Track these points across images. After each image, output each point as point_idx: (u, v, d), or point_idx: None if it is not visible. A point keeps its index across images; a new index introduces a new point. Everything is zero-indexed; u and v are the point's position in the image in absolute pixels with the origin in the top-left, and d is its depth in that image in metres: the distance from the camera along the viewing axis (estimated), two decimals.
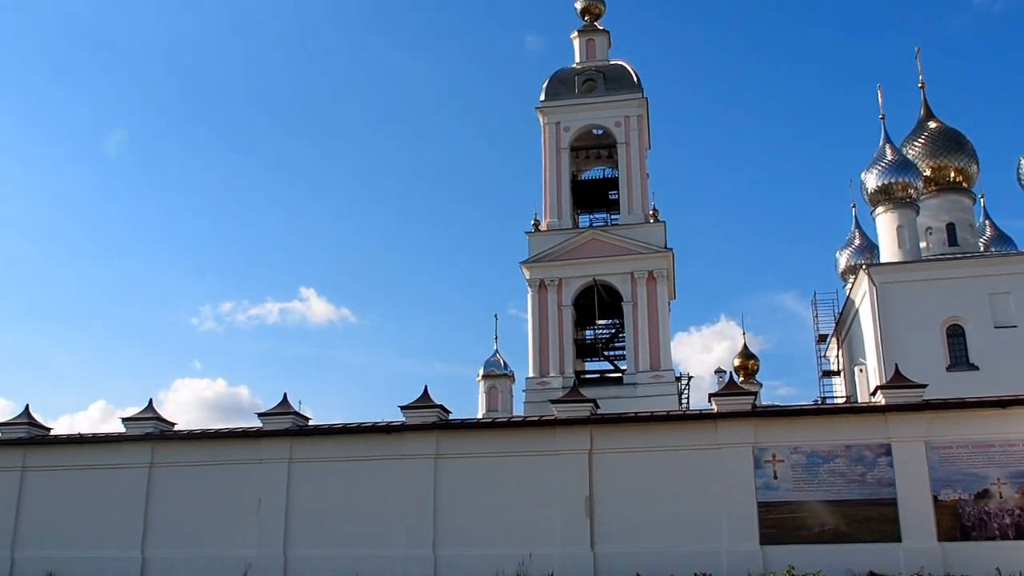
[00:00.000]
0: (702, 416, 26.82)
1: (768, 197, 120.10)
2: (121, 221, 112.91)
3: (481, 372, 51.10)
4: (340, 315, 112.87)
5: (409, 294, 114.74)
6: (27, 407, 31.73)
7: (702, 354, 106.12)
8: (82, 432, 32.04)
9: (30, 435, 30.75)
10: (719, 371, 56.23)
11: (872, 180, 47.17)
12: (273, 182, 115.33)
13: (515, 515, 26.10)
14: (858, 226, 56.67)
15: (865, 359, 44.74)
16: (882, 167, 47.19)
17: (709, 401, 27.13)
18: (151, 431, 29.47)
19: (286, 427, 28.38)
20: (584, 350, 48.72)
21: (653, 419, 27.06)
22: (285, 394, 29.26)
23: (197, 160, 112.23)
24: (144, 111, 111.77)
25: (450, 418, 28.22)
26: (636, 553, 24.86)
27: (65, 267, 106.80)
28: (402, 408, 27.92)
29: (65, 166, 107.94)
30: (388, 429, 27.77)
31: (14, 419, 31.38)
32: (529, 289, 45.37)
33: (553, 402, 28.38)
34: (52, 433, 31.69)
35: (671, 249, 45.34)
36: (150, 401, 30.62)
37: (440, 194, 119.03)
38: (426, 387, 28.22)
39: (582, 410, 27.04)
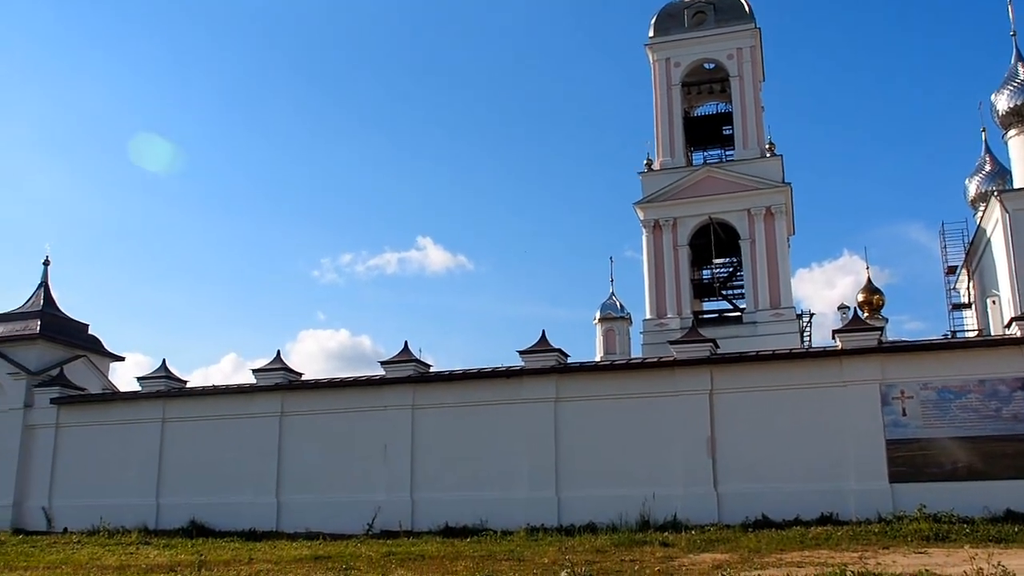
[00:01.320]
0: (826, 354, 26.24)
1: (891, 124, 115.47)
2: (242, 179, 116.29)
3: (598, 315, 51.07)
4: (457, 263, 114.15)
5: (524, 239, 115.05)
6: (164, 362, 33.39)
7: (824, 290, 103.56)
8: (216, 384, 33.47)
9: (168, 388, 32.38)
10: (842, 307, 54.82)
11: (1003, 101, 44.66)
12: (385, 133, 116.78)
13: (636, 457, 26.17)
14: (988, 151, 53.89)
15: (998, 290, 42.82)
16: (1014, 87, 44.60)
17: (833, 338, 26.49)
18: (280, 381, 30.59)
19: (408, 374, 29.03)
20: (701, 290, 48.10)
21: (775, 357, 26.61)
22: (406, 342, 29.91)
23: (311, 116, 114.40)
24: (259, 64, 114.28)
25: (568, 362, 28.36)
26: (760, 493, 24.67)
27: (194, 226, 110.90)
28: (521, 353, 28.18)
29: (189, 127, 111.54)
30: (507, 374, 28.09)
31: (153, 373, 33.06)
32: (644, 230, 44.92)
33: (672, 343, 28.20)
34: (188, 385, 33.28)
35: (789, 183, 44.15)
36: (278, 353, 31.71)
37: (552, 137, 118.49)
38: (543, 331, 28.42)
39: (702, 350, 26.79)
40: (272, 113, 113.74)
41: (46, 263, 38.86)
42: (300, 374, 31.65)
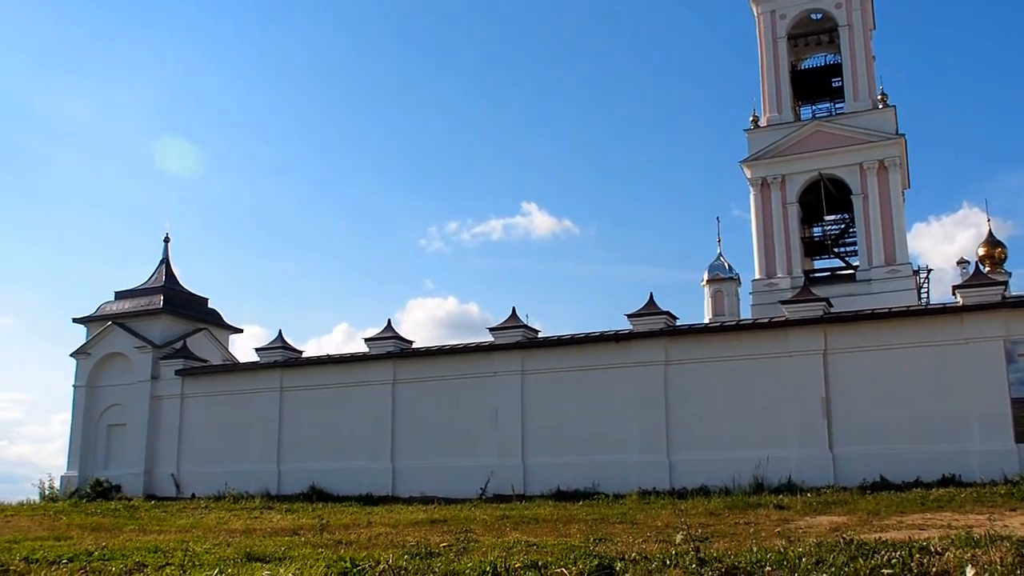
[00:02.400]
0: (946, 310, 25.33)
1: (1009, 68, 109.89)
2: (351, 154, 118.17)
3: (706, 276, 50.30)
4: (562, 227, 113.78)
5: (630, 201, 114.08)
6: (280, 333, 34.37)
7: (942, 245, 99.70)
8: (329, 353, 34.31)
9: (285, 358, 33.37)
10: (962, 262, 52.64)
11: None
12: (488, 101, 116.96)
13: (748, 419, 25.84)
14: None
15: None
16: None
17: (953, 294, 25.56)
18: (392, 350, 31.18)
19: (517, 340, 29.22)
20: (812, 248, 46.91)
21: (891, 315, 25.82)
22: (513, 308, 30.11)
23: (415, 88, 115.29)
24: (363, 40, 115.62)
25: (677, 324, 28.11)
26: (878, 455, 24.07)
27: (306, 200, 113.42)
28: (629, 316, 28.06)
29: (299, 106, 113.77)
30: (616, 338, 28.02)
31: (270, 344, 34.09)
32: (751, 188, 43.99)
33: (783, 303, 27.67)
34: (303, 355, 34.20)
35: (903, 135, 42.52)
36: (388, 322, 32.31)
37: (656, 98, 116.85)
38: (651, 294, 28.22)
39: (814, 309, 26.21)
40: (377, 88, 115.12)
41: (166, 240, 40.37)
42: (410, 342, 32.20)
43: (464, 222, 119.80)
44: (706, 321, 44.12)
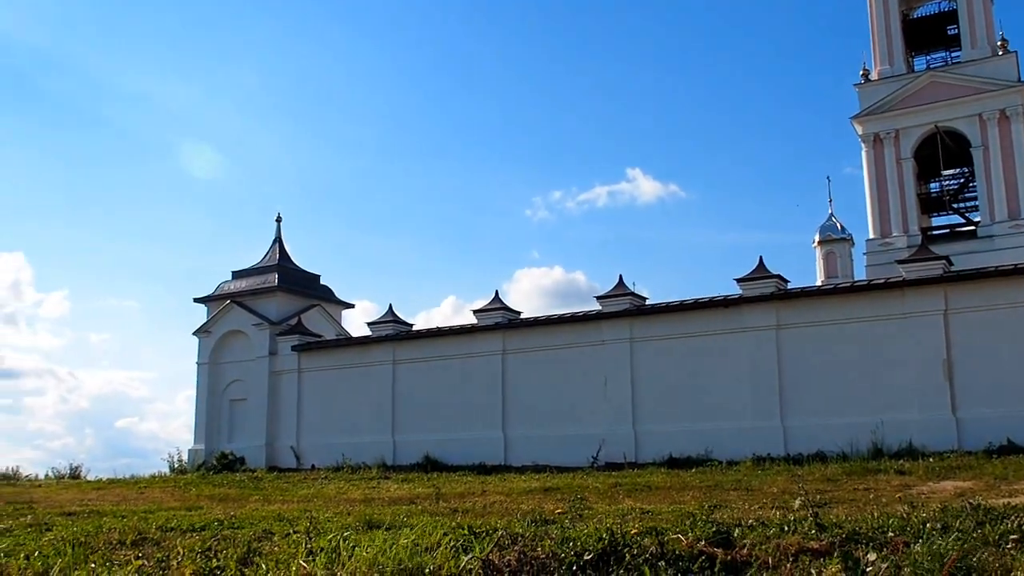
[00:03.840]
0: None
1: None
2: (453, 126, 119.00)
3: (817, 238, 49.11)
4: (668, 191, 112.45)
5: (737, 163, 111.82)
6: (390, 306, 35.02)
7: None
8: (439, 326, 34.81)
9: (396, 331, 34.00)
10: None
11: None
12: (588, 69, 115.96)
13: (865, 382, 25.20)
14: None
15: None
16: None
17: None
18: (500, 320, 31.45)
19: (624, 308, 29.11)
20: (929, 204, 45.22)
21: (1017, 272, 24.76)
22: (620, 276, 29.96)
23: (514, 60, 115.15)
24: (464, 16, 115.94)
25: (788, 287, 27.56)
26: (1004, 417, 23.14)
27: (412, 176, 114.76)
28: (738, 281, 27.64)
29: (401, 83, 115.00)
30: (726, 303, 27.64)
31: (381, 318, 34.77)
32: (863, 145, 42.62)
33: (900, 262, 26.84)
34: (414, 328, 34.78)
35: None
36: (496, 293, 32.56)
37: (760, 55, 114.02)
38: (761, 258, 27.72)
39: (934, 268, 25.33)
40: (477, 61, 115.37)
41: (278, 220, 41.46)
42: (518, 312, 32.41)
43: (568, 190, 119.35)
44: (818, 283, 43.13)
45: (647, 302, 29.83)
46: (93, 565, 7.39)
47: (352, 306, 41.82)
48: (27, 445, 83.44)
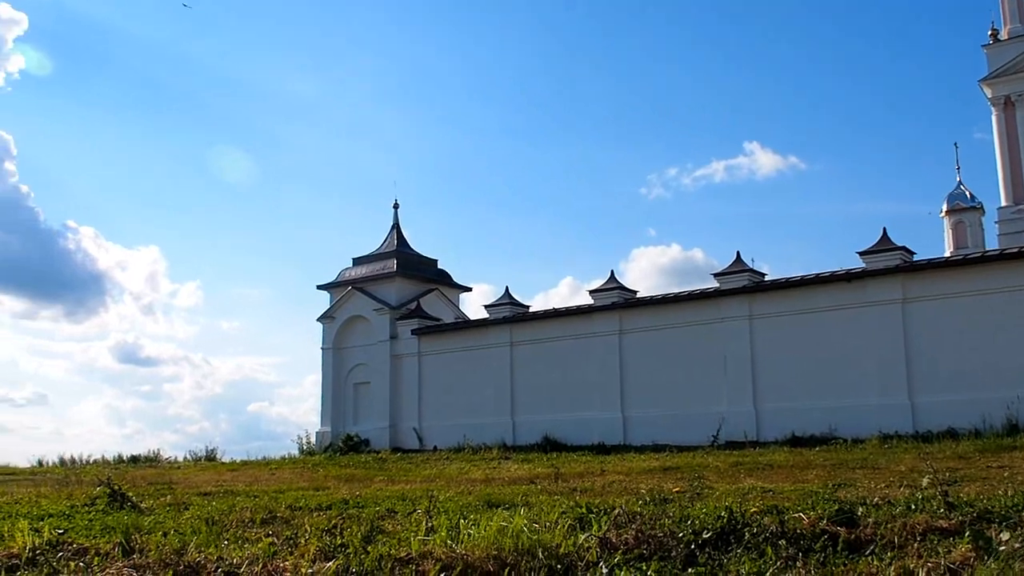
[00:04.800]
0: None
1: None
2: (566, 106, 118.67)
3: (944, 207, 47.21)
4: (788, 164, 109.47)
5: (859, 132, 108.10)
6: (507, 289, 35.34)
7: None
8: (556, 307, 34.94)
9: (513, 313, 34.27)
10: None
11: None
12: (698, 41, 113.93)
13: (1000, 356, 24.13)
14: None
15: None
16: None
17: None
18: (616, 300, 31.35)
19: (743, 284, 28.63)
20: None
21: None
22: (738, 252, 29.49)
23: (625, 35, 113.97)
24: None
25: (915, 259, 26.62)
26: None
27: (526, 157, 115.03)
28: (861, 254, 26.85)
29: (515, 61, 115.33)
30: (848, 277, 26.90)
31: (498, 300, 35.11)
32: (993, 109, 40.73)
33: None
34: (531, 310, 35.00)
35: None
36: (611, 273, 32.48)
37: (882, 17, 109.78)
38: (884, 229, 26.86)
39: None
40: (589, 39, 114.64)
41: (396, 206, 42.22)
42: (635, 292, 32.25)
43: (684, 167, 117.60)
44: (947, 255, 41.49)
45: (766, 278, 29.29)
46: (226, 542, 7.73)
47: (469, 289, 42.37)
48: (167, 429, 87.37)
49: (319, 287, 41.11)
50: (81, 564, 6.78)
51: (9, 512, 11.06)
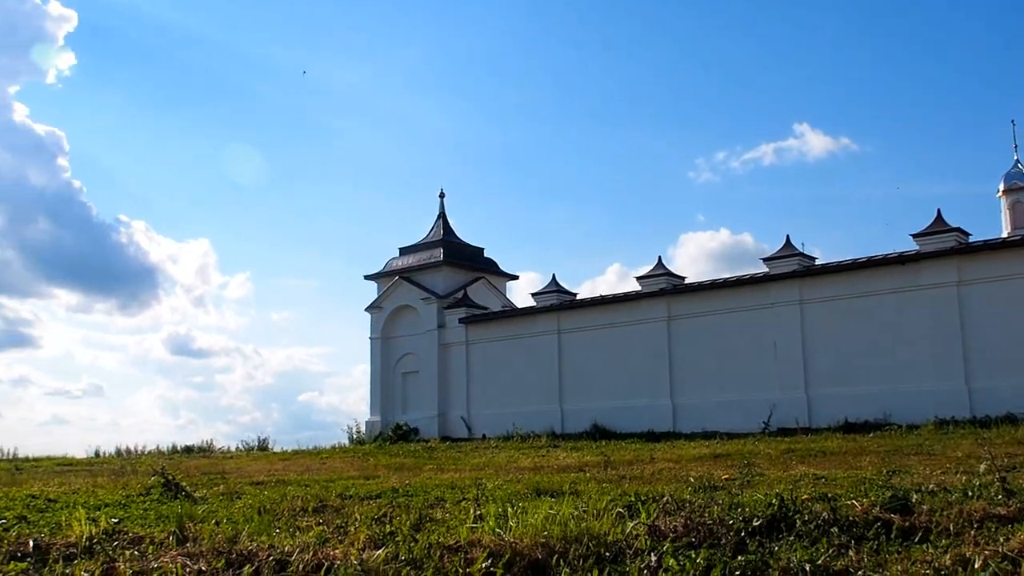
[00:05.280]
0: None
1: None
2: (611, 90, 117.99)
3: (1001, 187, 46.14)
4: (840, 145, 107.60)
5: (912, 110, 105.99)
6: (553, 276, 35.32)
7: None
8: (603, 294, 34.84)
9: (560, 301, 34.24)
10: None
11: None
12: (747, 22, 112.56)
13: None
14: None
15: None
16: None
17: None
18: (664, 287, 31.18)
19: (793, 269, 28.31)
20: None
21: None
22: (788, 236, 29.17)
23: (668, 18, 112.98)
24: None
25: (970, 241, 26.11)
26: None
27: (571, 143, 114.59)
28: (915, 236, 26.41)
29: (559, 50, 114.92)
30: (902, 260, 26.47)
31: (545, 288, 35.10)
32: None
33: None
34: (578, 297, 34.93)
35: None
36: (659, 259, 32.31)
37: None
38: (939, 210, 26.46)
39: None
40: (634, 24, 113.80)
41: (441, 196, 42.36)
42: (683, 278, 32.05)
43: (733, 150, 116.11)
44: (1004, 235, 40.65)
45: (817, 262, 28.93)
46: (277, 531, 7.81)
47: (516, 277, 42.39)
48: (219, 419, 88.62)
49: (366, 277, 41.40)
50: (136, 552, 6.88)
51: (67, 502, 11.28)
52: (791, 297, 28.20)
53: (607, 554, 6.45)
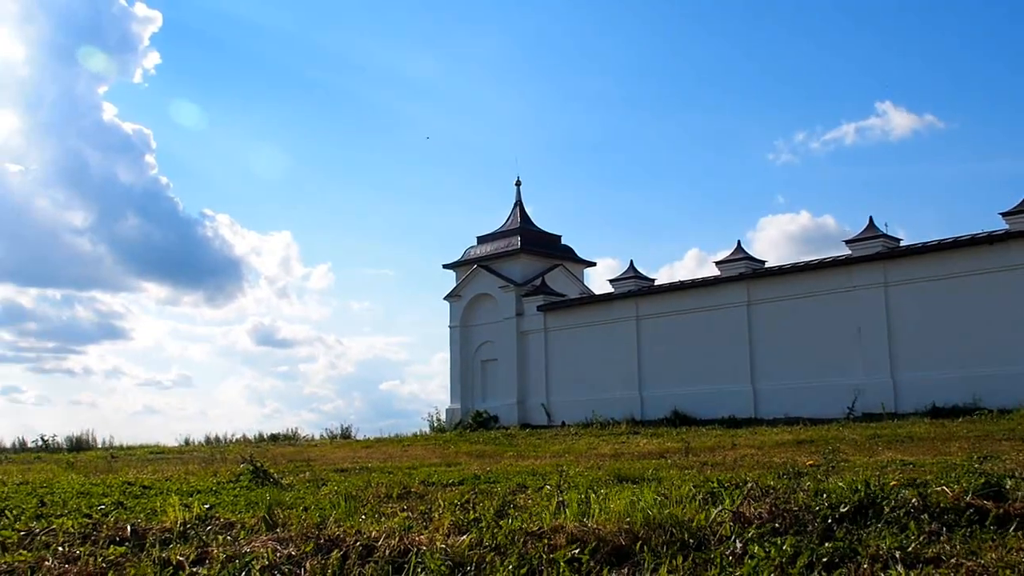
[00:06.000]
0: None
1: None
2: (687, 74, 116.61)
3: None
4: (924, 123, 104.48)
5: (1000, 84, 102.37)
6: (631, 263, 35.20)
7: None
8: (682, 279, 34.55)
9: (638, 287, 34.08)
10: None
11: None
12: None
13: None
14: None
15: None
16: None
17: None
18: (744, 271, 30.80)
19: (876, 251, 27.70)
20: None
21: None
22: (871, 218, 28.61)
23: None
24: None
25: None
26: None
27: (646, 128, 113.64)
28: (1004, 215, 25.61)
29: (634, 33, 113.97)
30: (990, 239, 25.69)
31: (623, 274, 34.97)
32: None
33: None
34: (656, 283, 34.71)
35: None
36: (738, 243, 31.95)
37: None
38: None
39: None
40: (707, 5, 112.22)
41: (518, 184, 42.44)
42: (763, 262, 31.61)
43: (813, 130, 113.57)
44: None
45: (901, 243, 28.27)
46: (363, 517, 7.96)
47: (593, 264, 42.28)
48: (303, 408, 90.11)
49: (445, 266, 41.75)
50: (229, 537, 7.08)
51: (161, 488, 11.64)
52: (875, 280, 27.60)
53: (691, 540, 6.42)
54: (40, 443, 31.59)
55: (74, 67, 75.42)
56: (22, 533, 7.48)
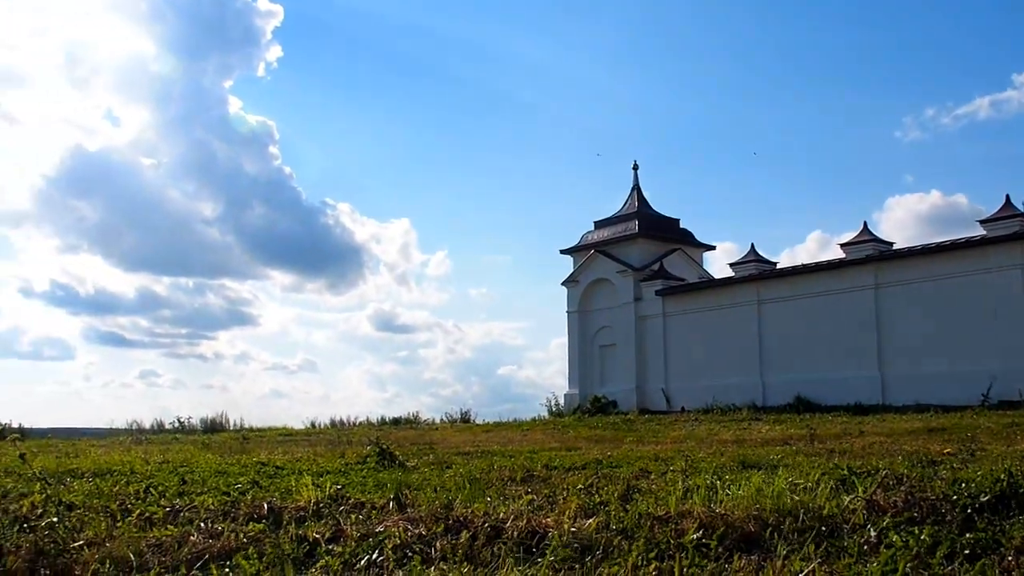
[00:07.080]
0: None
1: None
2: (811, 48, 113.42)
3: None
4: None
5: None
6: (752, 246, 34.53)
7: None
8: (805, 262, 33.76)
9: (759, 271, 33.44)
10: None
11: None
12: None
13: None
14: None
15: None
16: None
17: None
18: (871, 253, 29.88)
19: (1014, 231, 26.49)
20: None
21: None
22: (1007, 196, 27.38)
23: None
24: None
25: None
26: None
27: (767, 109, 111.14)
28: None
29: (747, 17, 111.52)
30: None
31: (744, 258, 34.39)
32: None
33: None
34: (778, 267, 33.99)
35: None
36: (864, 224, 30.96)
37: None
38: None
39: None
40: None
41: (635, 167, 42.11)
42: (891, 243, 30.62)
43: (943, 105, 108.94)
44: None
45: None
46: (489, 498, 8.06)
47: (712, 248, 41.67)
48: (423, 393, 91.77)
49: (562, 251, 41.76)
50: (360, 516, 7.30)
51: (293, 469, 12.03)
52: (1014, 261, 26.40)
53: (823, 528, 6.30)
54: (177, 424, 32.98)
55: (201, 62, 78.36)
56: (167, 509, 7.86)
